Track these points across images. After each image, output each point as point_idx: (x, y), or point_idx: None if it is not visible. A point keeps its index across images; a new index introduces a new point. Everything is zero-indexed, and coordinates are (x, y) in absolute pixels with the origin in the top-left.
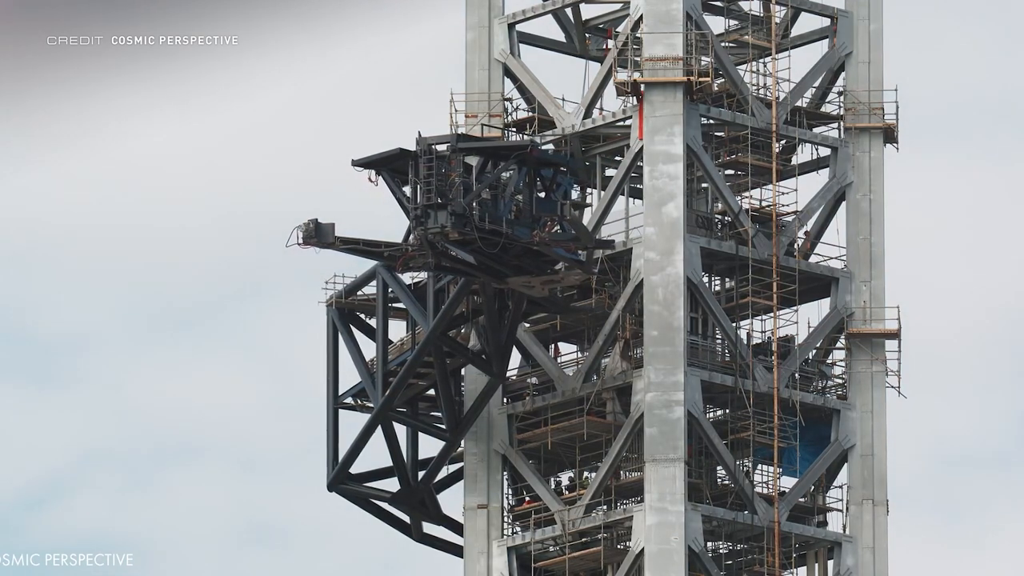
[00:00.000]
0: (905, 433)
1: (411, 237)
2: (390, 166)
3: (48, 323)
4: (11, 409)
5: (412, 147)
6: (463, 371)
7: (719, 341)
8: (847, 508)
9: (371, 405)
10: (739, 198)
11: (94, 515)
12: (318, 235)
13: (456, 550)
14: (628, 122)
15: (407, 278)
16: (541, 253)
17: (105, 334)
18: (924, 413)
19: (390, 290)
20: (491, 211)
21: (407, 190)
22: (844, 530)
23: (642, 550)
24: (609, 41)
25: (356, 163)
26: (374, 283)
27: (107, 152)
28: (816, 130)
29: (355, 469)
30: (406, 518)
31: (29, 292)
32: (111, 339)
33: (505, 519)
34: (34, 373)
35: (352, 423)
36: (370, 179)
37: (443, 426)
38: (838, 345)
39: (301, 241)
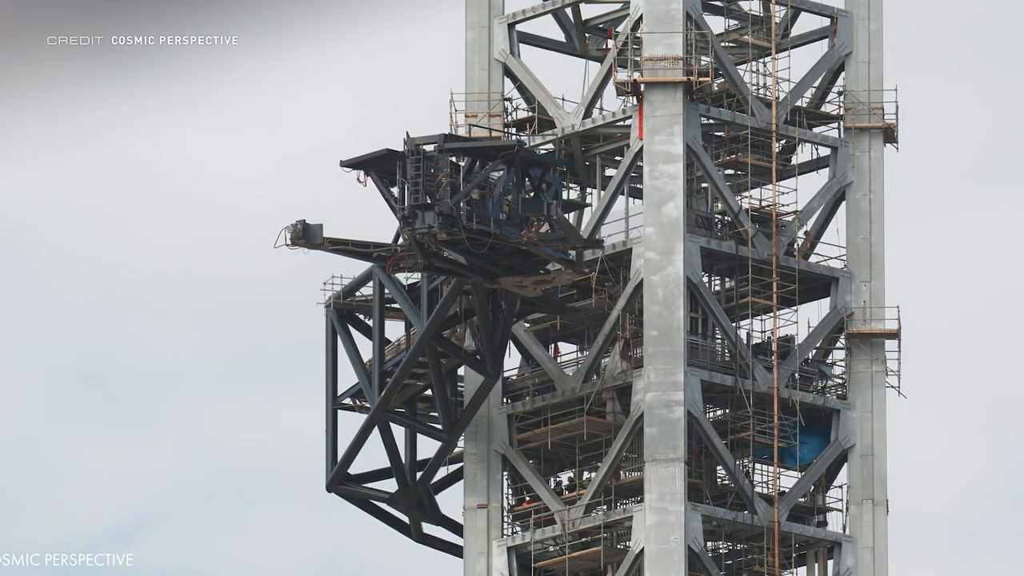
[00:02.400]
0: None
1: (400, 238)
2: (379, 167)
3: (134, 362)
4: (100, 447)
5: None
6: (464, 371)
7: (719, 341)
8: (847, 508)
9: (369, 406)
10: (739, 198)
11: (180, 551)
12: (306, 236)
13: (456, 550)
14: (628, 122)
15: (404, 279)
16: (531, 253)
17: (188, 371)
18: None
19: (387, 291)
20: (479, 211)
21: (397, 191)
22: (844, 530)
23: (642, 550)
24: (609, 41)
25: (344, 164)
26: (371, 284)
27: (104, 154)
28: (816, 130)
29: (356, 470)
30: (405, 519)
31: (113, 332)
32: (195, 376)
33: (505, 519)
34: (122, 411)
35: (354, 424)
36: (359, 180)
37: (439, 426)
38: (838, 345)
39: (289, 242)
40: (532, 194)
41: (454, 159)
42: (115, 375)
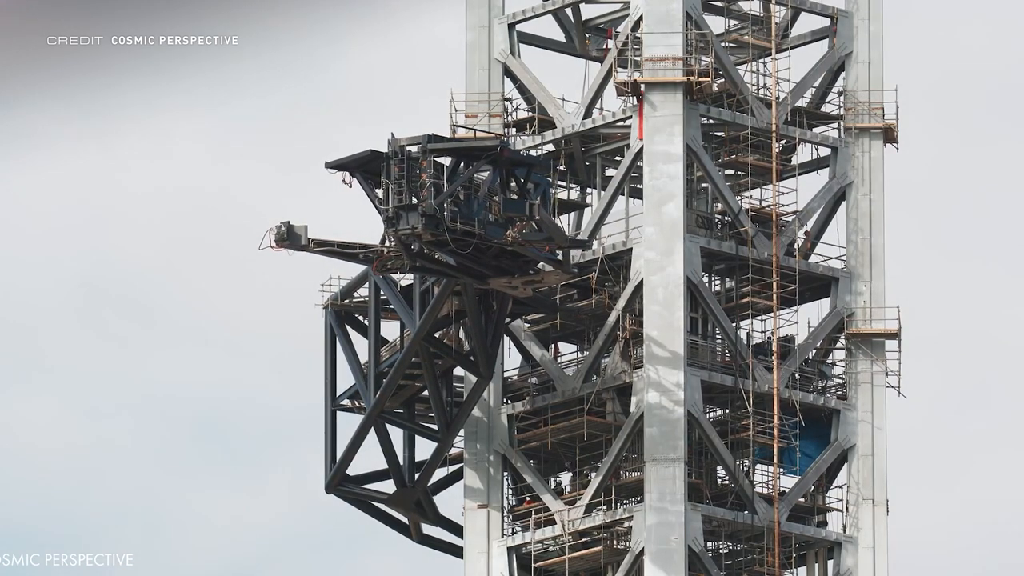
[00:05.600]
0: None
1: (386, 239)
2: (364, 168)
3: (237, 414)
4: (213, 495)
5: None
6: (464, 372)
7: (719, 341)
8: (847, 508)
9: (366, 407)
10: (739, 198)
11: None
12: (290, 238)
13: (456, 551)
14: (628, 122)
15: (398, 279)
16: (520, 254)
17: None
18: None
19: (382, 293)
20: (465, 212)
21: (381, 192)
22: (844, 530)
23: (642, 550)
24: (609, 41)
25: (329, 165)
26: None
27: (106, 153)
28: (816, 130)
29: (355, 471)
30: (404, 519)
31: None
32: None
33: (505, 519)
34: (236, 461)
35: (354, 425)
36: (344, 181)
37: (435, 427)
38: (838, 345)
39: (274, 244)
40: (516, 194)
41: (441, 160)
42: (229, 425)
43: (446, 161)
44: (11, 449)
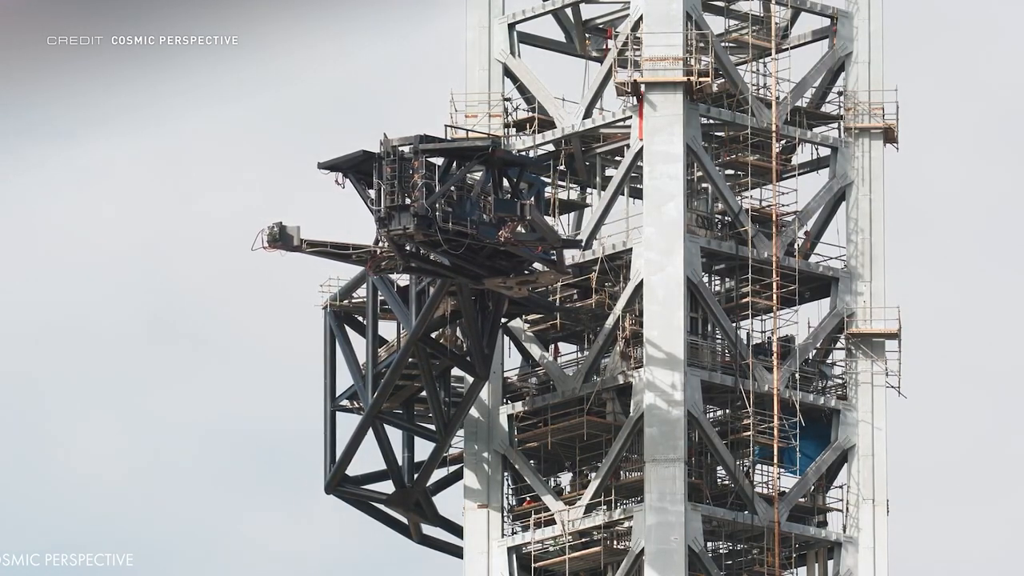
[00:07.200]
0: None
1: (380, 240)
2: (357, 168)
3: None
4: (263, 518)
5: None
6: (464, 372)
7: (719, 341)
8: (847, 508)
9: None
10: (739, 198)
11: None
12: (282, 238)
13: (456, 551)
14: (628, 122)
15: (397, 280)
16: (513, 254)
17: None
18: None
19: (380, 293)
20: (458, 212)
21: (374, 192)
22: (844, 530)
23: (642, 550)
24: (609, 41)
25: (322, 165)
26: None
27: (107, 153)
28: (816, 130)
29: (355, 472)
30: (404, 520)
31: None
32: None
33: (505, 519)
34: (285, 481)
35: (354, 426)
36: (337, 182)
37: (433, 427)
38: (838, 345)
39: (266, 244)
40: (509, 194)
41: (434, 160)
42: (277, 444)
43: (439, 161)
44: (70, 473)
